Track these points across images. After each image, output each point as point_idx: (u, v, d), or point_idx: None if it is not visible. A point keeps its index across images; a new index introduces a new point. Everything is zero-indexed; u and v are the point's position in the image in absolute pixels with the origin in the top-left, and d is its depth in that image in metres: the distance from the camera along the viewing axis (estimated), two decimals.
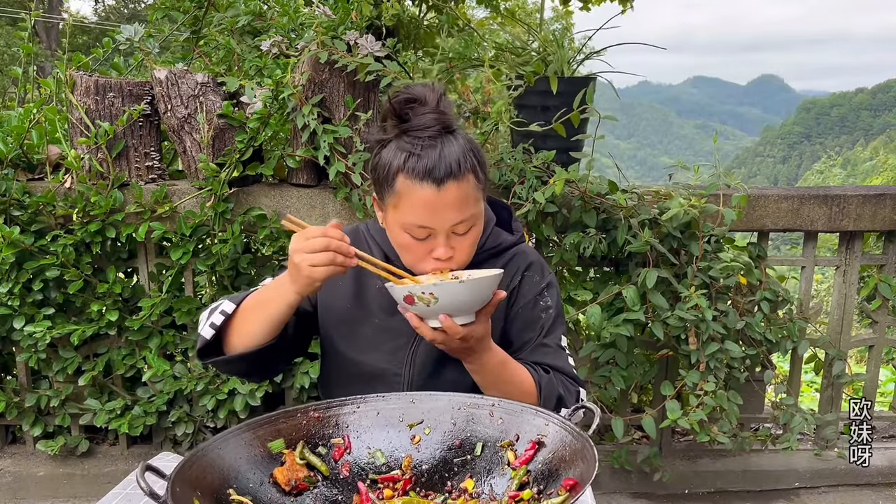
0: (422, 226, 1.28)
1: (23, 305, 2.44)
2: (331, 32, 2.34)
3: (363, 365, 1.42)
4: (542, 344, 1.43)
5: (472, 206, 1.30)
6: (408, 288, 1.19)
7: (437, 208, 1.26)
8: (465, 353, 1.29)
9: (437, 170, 1.25)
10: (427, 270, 1.33)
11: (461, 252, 1.32)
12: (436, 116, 1.28)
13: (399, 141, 1.29)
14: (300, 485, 1.13)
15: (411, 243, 1.31)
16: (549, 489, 1.04)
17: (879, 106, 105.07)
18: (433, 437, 1.20)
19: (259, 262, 2.58)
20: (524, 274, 1.46)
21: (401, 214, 1.29)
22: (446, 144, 1.27)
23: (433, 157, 1.25)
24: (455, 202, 1.27)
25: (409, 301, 1.20)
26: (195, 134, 2.41)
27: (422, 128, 1.27)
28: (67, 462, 2.72)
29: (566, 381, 1.39)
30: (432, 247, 1.30)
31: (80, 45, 16.50)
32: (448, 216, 1.27)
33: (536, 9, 11.14)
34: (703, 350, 2.41)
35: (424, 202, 1.26)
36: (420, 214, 1.27)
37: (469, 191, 1.29)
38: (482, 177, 1.33)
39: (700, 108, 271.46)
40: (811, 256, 2.75)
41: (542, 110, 2.49)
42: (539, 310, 1.45)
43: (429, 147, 1.26)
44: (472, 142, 1.33)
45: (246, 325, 1.34)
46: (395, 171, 1.27)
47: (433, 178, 1.25)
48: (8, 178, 2.39)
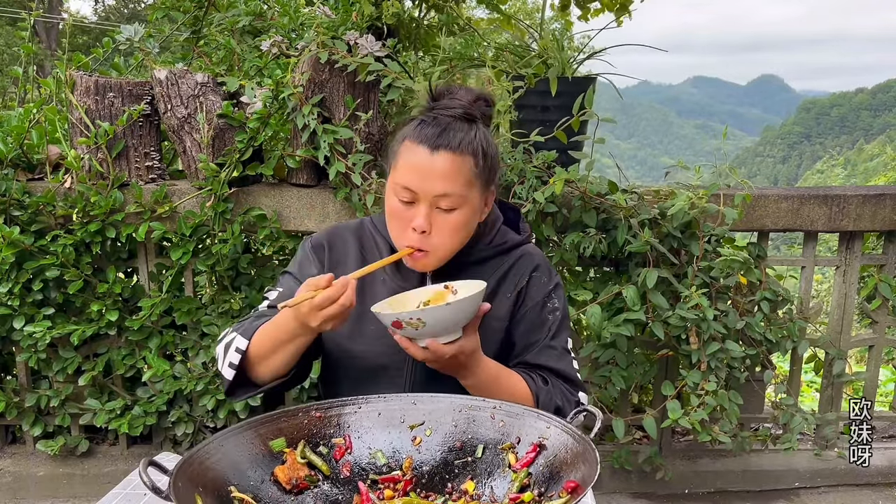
0: (407, 187, 1.31)
1: (23, 305, 2.44)
2: (331, 33, 2.34)
3: (365, 360, 1.42)
4: (548, 346, 1.44)
5: (461, 186, 1.31)
6: (395, 315, 1.21)
7: (426, 173, 1.29)
8: (458, 370, 1.30)
9: (437, 137, 1.30)
10: (405, 244, 1.34)
11: (440, 233, 1.33)
12: (463, 105, 1.34)
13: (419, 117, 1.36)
14: (301, 484, 1.13)
15: (397, 208, 1.33)
16: (550, 492, 1.04)
17: (879, 106, 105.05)
18: (434, 439, 1.20)
19: (259, 262, 2.58)
20: (532, 275, 1.46)
21: (395, 175, 1.34)
22: (459, 125, 1.32)
23: (439, 128, 1.31)
24: (444, 172, 1.29)
25: (396, 326, 1.22)
26: (195, 134, 2.41)
27: (444, 108, 1.34)
28: (67, 462, 2.71)
29: (566, 389, 1.41)
30: (413, 216, 1.32)
31: (80, 45, 16.49)
32: (435, 184, 1.29)
33: (536, 8, 11.14)
34: (703, 350, 2.41)
35: (414, 163, 1.30)
36: (408, 175, 1.31)
37: (463, 169, 1.31)
38: (482, 166, 1.34)
39: (700, 108, 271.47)
40: (811, 256, 2.75)
41: (542, 110, 2.49)
42: (547, 311, 1.45)
43: (441, 121, 1.32)
44: (489, 138, 1.37)
45: (268, 360, 1.35)
46: (403, 138, 1.34)
47: (429, 144, 1.29)
48: (8, 178, 2.39)
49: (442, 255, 1.35)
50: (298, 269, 1.48)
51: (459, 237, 1.36)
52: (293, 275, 1.48)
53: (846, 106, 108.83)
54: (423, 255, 1.34)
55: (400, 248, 1.35)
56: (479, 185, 1.35)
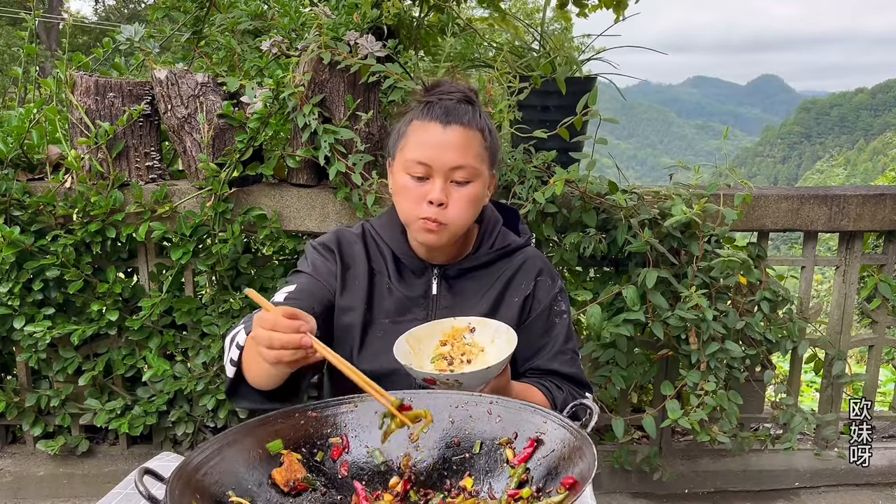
0: (421, 161, 1.32)
1: (23, 305, 2.44)
2: (332, 33, 2.34)
3: (371, 371, 1.42)
4: (560, 351, 1.45)
5: (474, 159, 1.34)
6: (430, 374, 1.20)
7: (440, 146, 1.32)
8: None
9: (447, 114, 1.33)
10: (421, 216, 1.33)
11: (455, 206, 1.34)
12: (461, 90, 1.38)
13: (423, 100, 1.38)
14: (299, 485, 1.13)
15: (409, 185, 1.34)
16: (549, 487, 1.04)
17: (879, 106, 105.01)
18: (431, 436, 1.20)
19: (259, 262, 2.58)
20: (537, 280, 1.47)
21: (405, 153, 1.35)
22: (463, 108, 1.36)
23: (446, 105, 1.34)
24: (458, 143, 1.32)
25: (429, 382, 1.22)
26: (195, 134, 2.41)
27: (445, 92, 1.37)
28: (67, 462, 2.72)
29: (576, 392, 1.42)
30: (428, 191, 1.33)
31: (80, 45, 16.50)
32: (449, 156, 1.31)
33: (537, 9, 11.13)
34: (703, 350, 2.41)
35: (428, 138, 1.32)
36: (422, 150, 1.32)
37: (474, 142, 1.34)
38: (490, 143, 1.38)
39: (700, 108, 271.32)
40: (811, 256, 2.74)
41: (542, 110, 2.49)
42: (554, 315, 1.46)
43: (447, 102, 1.35)
44: (489, 120, 1.41)
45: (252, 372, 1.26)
46: (409, 120, 1.36)
47: (440, 119, 1.33)
48: (8, 178, 2.39)
49: (455, 229, 1.36)
50: (313, 268, 1.46)
51: (472, 211, 1.38)
52: (307, 273, 1.45)
53: (846, 106, 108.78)
54: (438, 227, 1.33)
55: (413, 222, 1.36)
56: (487, 162, 1.38)
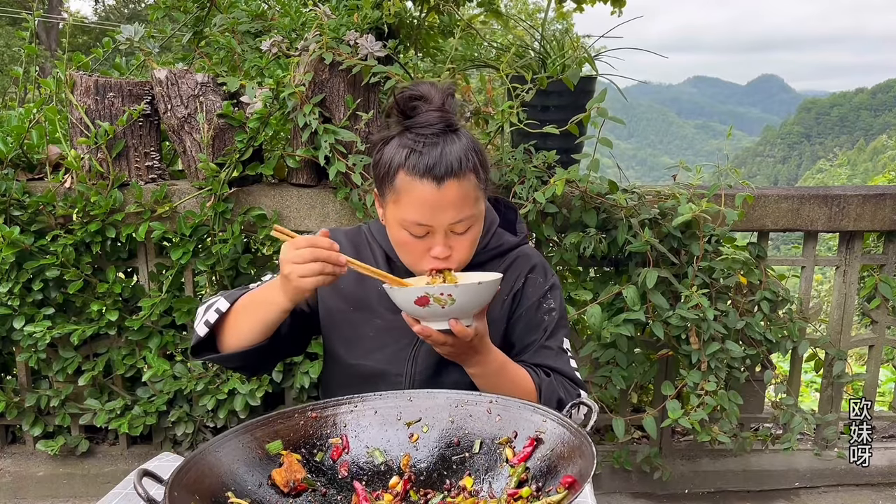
0: (420, 223, 1.28)
1: (23, 305, 2.44)
2: (333, 34, 2.33)
3: (364, 367, 1.42)
4: (544, 346, 1.43)
5: (472, 206, 1.30)
6: (424, 289, 1.17)
7: (437, 206, 1.26)
8: (469, 356, 1.29)
9: (438, 167, 1.25)
10: (425, 269, 1.32)
11: (459, 251, 1.32)
12: (440, 115, 1.28)
13: (402, 138, 1.29)
14: (299, 486, 1.13)
15: (409, 241, 1.31)
16: (548, 486, 1.04)
17: (879, 106, 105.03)
18: (431, 435, 1.20)
19: (259, 262, 2.58)
20: (528, 276, 1.46)
21: (400, 211, 1.29)
22: (449, 143, 1.27)
23: (434, 154, 1.25)
24: (455, 201, 1.27)
25: (421, 303, 1.18)
26: (195, 134, 2.41)
27: (425, 125, 1.28)
28: (67, 462, 2.72)
29: (567, 383, 1.40)
30: (430, 245, 1.30)
31: (80, 45, 16.50)
32: (447, 214, 1.27)
33: (538, 9, 11.13)
34: (703, 350, 2.41)
35: (424, 199, 1.26)
36: (419, 212, 1.27)
37: (469, 190, 1.29)
38: (483, 177, 1.33)
39: (700, 108, 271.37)
40: (811, 256, 2.74)
41: (542, 110, 2.49)
42: (542, 312, 1.45)
43: (431, 144, 1.26)
44: (475, 142, 1.33)
45: (238, 325, 1.35)
46: (397, 168, 1.27)
47: (433, 176, 1.25)
48: (8, 178, 2.39)
49: (461, 266, 1.36)
50: None
51: (475, 246, 1.37)
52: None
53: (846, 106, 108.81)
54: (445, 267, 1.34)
55: (420, 273, 1.34)
56: (482, 193, 1.35)
